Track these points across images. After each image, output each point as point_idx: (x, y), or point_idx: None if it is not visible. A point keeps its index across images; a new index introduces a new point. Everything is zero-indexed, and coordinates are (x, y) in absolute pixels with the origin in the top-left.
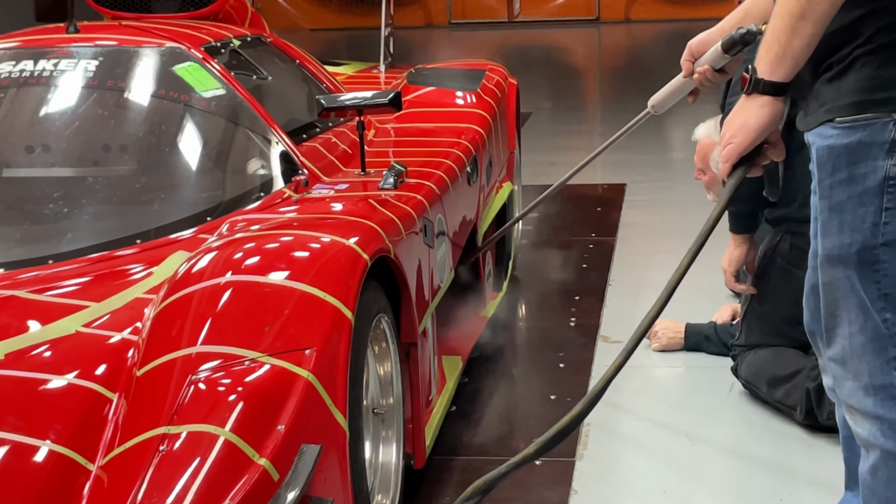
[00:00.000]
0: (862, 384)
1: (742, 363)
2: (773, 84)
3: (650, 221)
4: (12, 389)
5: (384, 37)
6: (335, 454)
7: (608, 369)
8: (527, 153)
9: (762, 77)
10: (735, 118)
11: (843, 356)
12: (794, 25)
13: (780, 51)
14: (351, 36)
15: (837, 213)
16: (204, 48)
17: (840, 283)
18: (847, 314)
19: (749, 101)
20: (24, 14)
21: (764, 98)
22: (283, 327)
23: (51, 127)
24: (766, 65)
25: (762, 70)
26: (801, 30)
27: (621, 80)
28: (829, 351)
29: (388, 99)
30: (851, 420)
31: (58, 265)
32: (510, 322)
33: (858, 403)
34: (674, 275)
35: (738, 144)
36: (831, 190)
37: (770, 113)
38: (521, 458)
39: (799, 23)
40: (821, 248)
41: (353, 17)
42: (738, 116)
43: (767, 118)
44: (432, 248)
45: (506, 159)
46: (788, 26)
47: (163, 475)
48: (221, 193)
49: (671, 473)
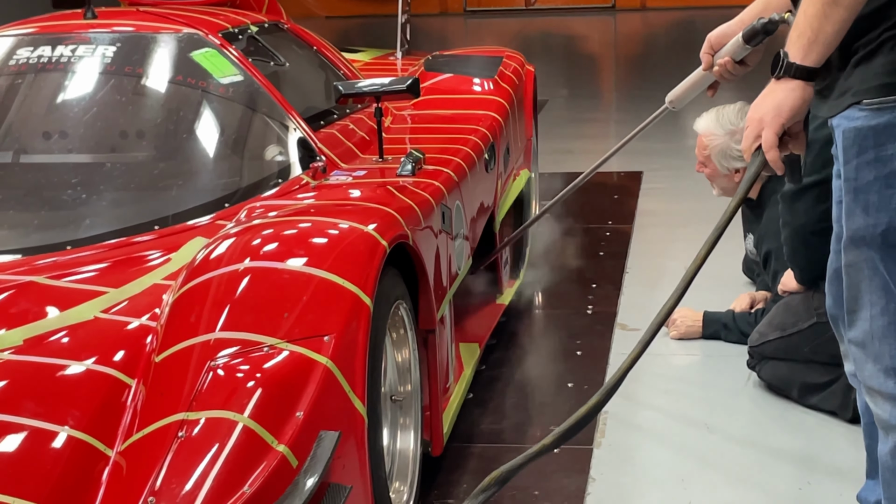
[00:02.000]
0: (883, 366)
1: (764, 366)
2: (805, 68)
3: (667, 209)
4: (31, 375)
5: (401, 24)
6: (353, 441)
7: (625, 360)
8: (543, 141)
9: (794, 61)
10: (763, 102)
11: (863, 339)
12: (826, 11)
13: (812, 35)
14: (366, 23)
15: (863, 195)
16: (221, 34)
17: (864, 264)
18: (869, 296)
19: (779, 84)
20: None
21: (795, 82)
22: (301, 314)
23: (69, 113)
24: (797, 49)
25: (794, 54)
26: (834, 15)
27: (637, 67)
28: (850, 333)
29: (407, 85)
30: (872, 402)
31: (76, 251)
32: (527, 309)
33: (879, 385)
34: (692, 265)
35: (770, 127)
36: (857, 171)
37: (801, 97)
38: (538, 449)
39: (831, 8)
40: (845, 229)
41: (367, 5)
42: (767, 100)
43: (798, 102)
44: (450, 235)
45: (523, 147)
46: (821, 12)
47: (181, 461)
48: (239, 180)
49: (689, 462)
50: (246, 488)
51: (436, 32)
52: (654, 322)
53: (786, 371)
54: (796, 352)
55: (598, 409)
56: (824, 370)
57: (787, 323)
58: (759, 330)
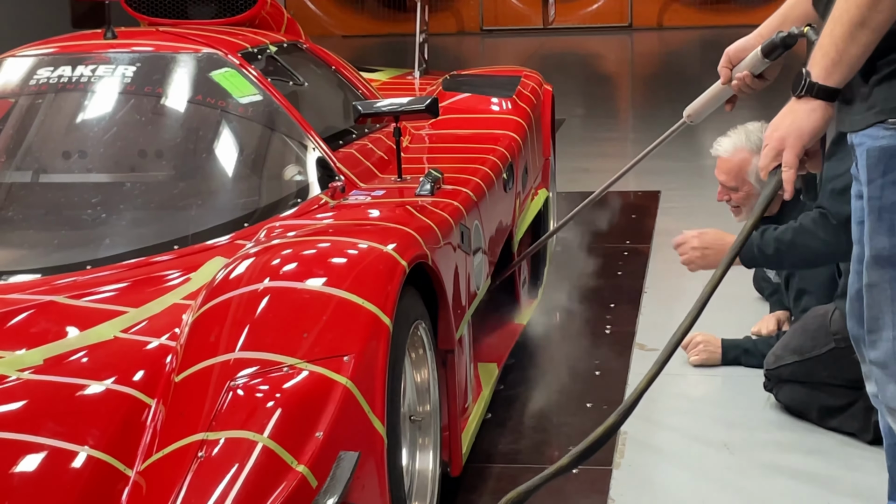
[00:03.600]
0: None
1: (782, 389)
2: (827, 89)
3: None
4: (51, 395)
5: (419, 43)
6: (373, 461)
7: (641, 381)
8: (560, 160)
9: (816, 81)
10: (784, 121)
11: (885, 359)
12: (853, 33)
13: (836, 56)
14: (382, 42)
15: (888, 214)
16: (241, 54)
17: (887, 284)
18: (892, 317)
19: (799, 104)
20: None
21: (816, 102)
22: (321, 334)
23: (88, 133)
24: (821, 69)
25: (816, 74)
26: (861, 37)
27: (654, 86)
28: (871, 353)
29: (426, 105)
30: (894, 423)
31: (96, 271)
32: (545, 329)
33: None
34: (707, 286)
35: (792, 148)
36: (882, 190)
37: (822, 117)
38: (555, 470)
39: (858, 30)
40: (868, 249)
41: (384, 24)
42: (788, 119)
43: (819, 122)
44: (469, 255)
45: (541, 166)
46: (847, 33)
47: (201, 481)
48: (258, 199)
49: (708, 483)
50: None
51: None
52: (669, 343)
53: (804, 394)
54: (814, 376)
55: (613, 431)
56: (843, 393)
57: (805, 347)
58: (776, 353)
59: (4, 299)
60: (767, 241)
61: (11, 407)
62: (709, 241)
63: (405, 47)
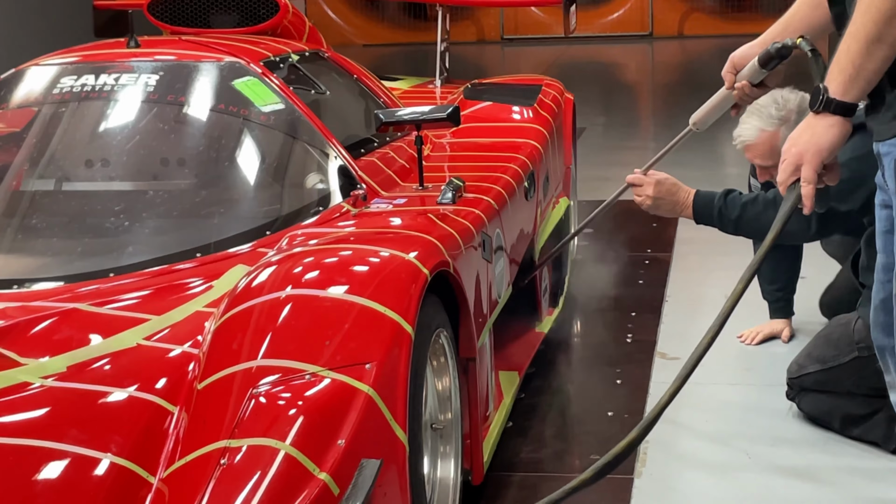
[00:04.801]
0: None
1: (804, 398)
2: (844, 105)
3: (706, 238)
4: (75, 402)
5: (440, 52)
6: (395, 469)
7: (664, 394)
8: (581, 168)
9: (834, 97)
10: (801, 136)
11: None
12: (870, 49)
13: (853, 72)
14: (402, 51)
15: None
16: (263, 63)
17: None
18: None
19: (817, 119)
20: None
21: (834, 118)
22: (343, 341)
23: (111, 141)
24: (838, 84)
25: (834, 90)
26: (877, 53)
27: (674, 95)
28: None
29: (447, 113)
30: None
31: (118, 278)
32: (567, 338)
33: None
34: (728, 300)
35: (810, 164)
36: None
37: (840, 133)
38: (576, 484)
39: (875, 46)
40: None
41: (404, 33)
42: (805, 135)
43: (837, 138)
44: (490, 263)
45: (562, 174)
46: (864, 49)
47: (224, 489)
48: (280, 208)
49: (731, 492)
50: None
51: (473, 60)
52: (692, 356)
53: (827, 403)
54: (837, 385)
55: (636, 444)
56: (866, 402)
57: (828, 356)
58: (798, 362)
59: (28, 307)
60: (732, 204)
61: (35, 414)
62: (663, 193)
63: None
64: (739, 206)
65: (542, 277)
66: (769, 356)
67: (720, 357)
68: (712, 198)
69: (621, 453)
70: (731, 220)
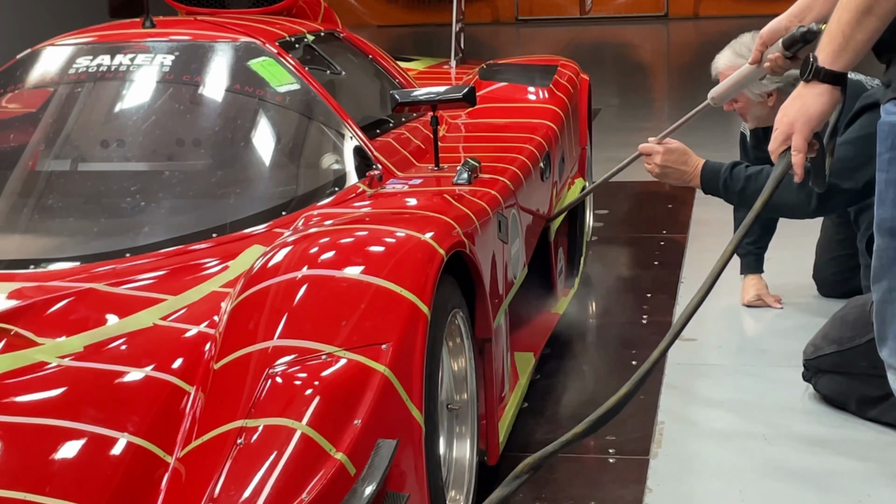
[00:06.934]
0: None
1: (820, 379)
2: (833, 73)
3: (722, 219)
4: (92, 382)
5: (455, 32)
6: (411, 449)
7: (656, 350)
8: (596, 149)
9: (823, 65)
10: (792, 105)
11: None
12: (859, 19)
13: (843, 42)
14: (417, 32)
15: (893, 186)
16: (278, 43)
17: (890, 252)
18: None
19: (807, 88)
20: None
21: (823, 86)
22: (359, 322)
23: (127, 121)
24: (827, 54)
25: (823, 59)
26: (866, 24)
27: (689, 76)
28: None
29: (463, 94)
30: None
31: (134, 258)
32: (582, 319)
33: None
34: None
35: (800, 133)
36: (889, 164)
37: (828, 101)
38: (570, 436)
39: (865, 17)
40: (876, 216)
41: (419, 14)
42: (796, 104)
43: (826, 106)
44: (506, 244)
45: (577, 155)
46: (854, 19)
47: (240, 468)
48: (296, 188)
49: (747, 473)
50: (304, 496)
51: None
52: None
53: (843, 384)
54: (853, 366)
55: (628, 399)
56: (882, 383)
57: (844, 338)
58: (815, 343)
59: (45, 287)
60: (737, 177)
61: (52, 393)
62: (672, 162)
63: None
64: (743, 178)
65: (557, 258)
66: (784, 337)
67: (735, 338)
68: (719, 169)
69: (614, 407)
70: (734, 193)
